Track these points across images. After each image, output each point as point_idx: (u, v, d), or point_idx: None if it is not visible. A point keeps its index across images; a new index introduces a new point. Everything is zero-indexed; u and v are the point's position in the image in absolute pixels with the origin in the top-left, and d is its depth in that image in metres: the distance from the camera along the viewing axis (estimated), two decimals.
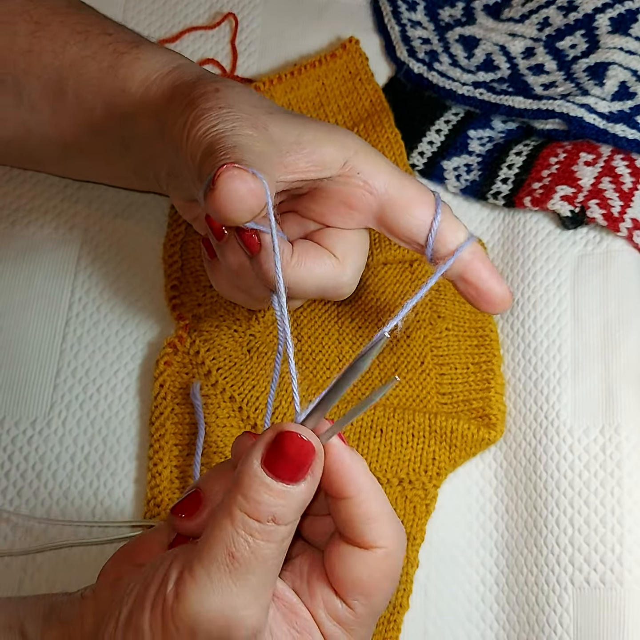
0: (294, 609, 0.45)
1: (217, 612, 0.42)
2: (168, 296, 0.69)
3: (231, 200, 0.46)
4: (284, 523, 0.43)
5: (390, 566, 0.45)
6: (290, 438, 0.43)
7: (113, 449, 0.66)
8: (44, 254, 0.72)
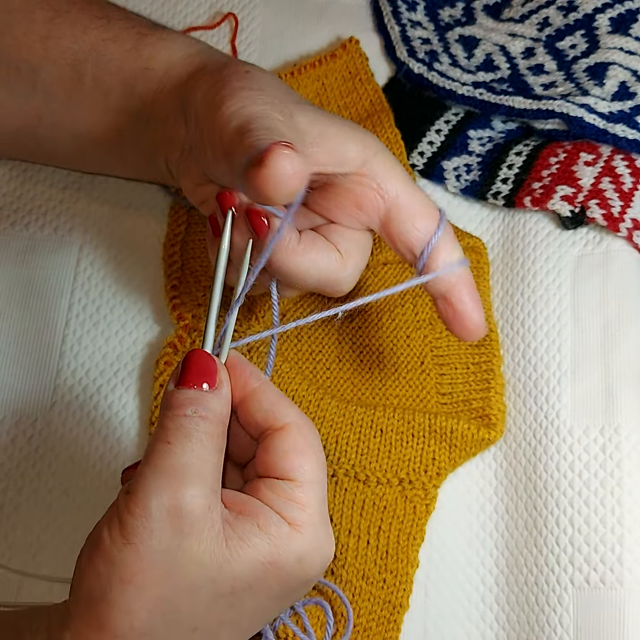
0: (246, 502, 0.47)
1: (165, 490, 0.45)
2: (168, 296, 0.69)
3: (278, 178, 0.46)
4: (205, 416, 0.47)
5: (304, 435, 0.49)
6: (192, 353, 0.49)
7: (113, 449, 0.66)
8: (44, 255, 0.72)
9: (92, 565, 0.45)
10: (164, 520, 0.44)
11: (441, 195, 0.74)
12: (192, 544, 0.45)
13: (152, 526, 0.44)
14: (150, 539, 0.44)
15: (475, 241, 0.71)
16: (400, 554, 0.62)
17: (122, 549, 0.44)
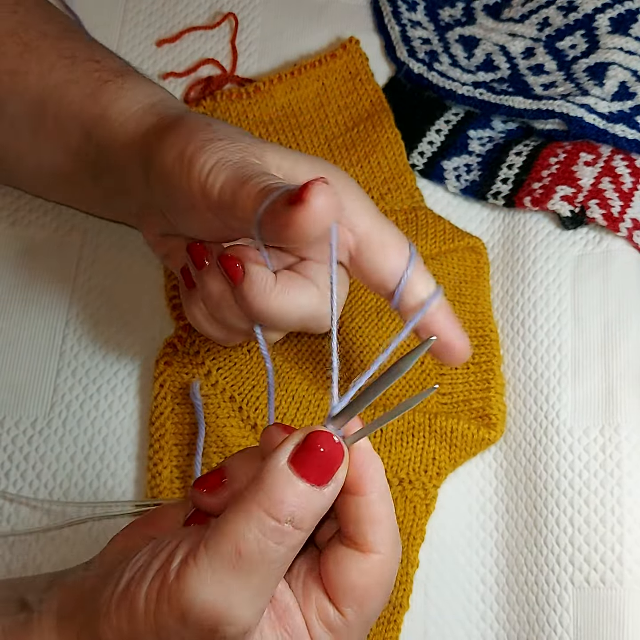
0: (289, 611, 0.44)
1: (211, 603, 0.41)
2: (168, 296, 0.69)
3: (323, 214, 0.47)
4: (301, 527, 0.42)
5: (385, 574, 0.45)
6: (324, 438, 0.42)
7: (113, 449, 0.66)
8: (44, 255, 0.72)
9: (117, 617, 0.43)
10: (196, 634, 0.42)
11: (441, 195, 0.74)
12: None
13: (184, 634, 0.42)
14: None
15: (475, 241, 0.71)
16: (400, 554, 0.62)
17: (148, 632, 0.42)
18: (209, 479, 0.46)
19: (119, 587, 0.43)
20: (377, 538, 0.44)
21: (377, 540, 0.44)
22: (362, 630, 0.46)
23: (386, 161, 0.74)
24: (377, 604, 0.45)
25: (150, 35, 0.81)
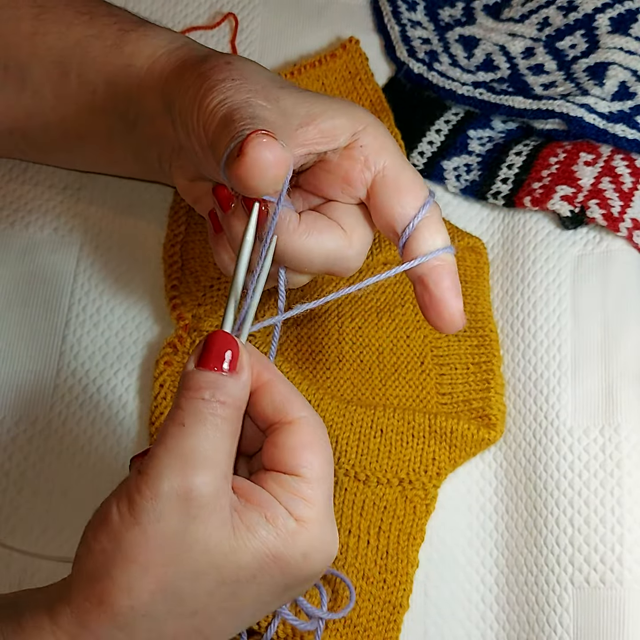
0: (254, 491, 0.47)
1: (177, 477, 0.44)
2: (168, 296, 0.69)
3: (259, 167, 0.46)
4: (224, 401, 0.46)
5: (314, 430, 0.48)
6: (214, 335, 0.47)
7: (113, 449, 0.66)
8: (44, 255, 0.72)
9: (97, 540, 0.45)
10: (173, 503, 0.44)
11: (441, 195, 0.74)
12: (199, 528, 0.45)
13: (161, 508, 0.44)
14: (158, 521, 0.44)
15: (475, 241, 0.71)
16: (400, 554, 0.62)
17: (129, 528, 0.44)
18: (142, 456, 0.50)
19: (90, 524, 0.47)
20: (293, 407, 0.48)
21: (293, 408, 0.48)
22: (324, 487, 0.48)
23: None
24: (322, 457, 0.48)
25: None
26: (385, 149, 0.54)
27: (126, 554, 0.44)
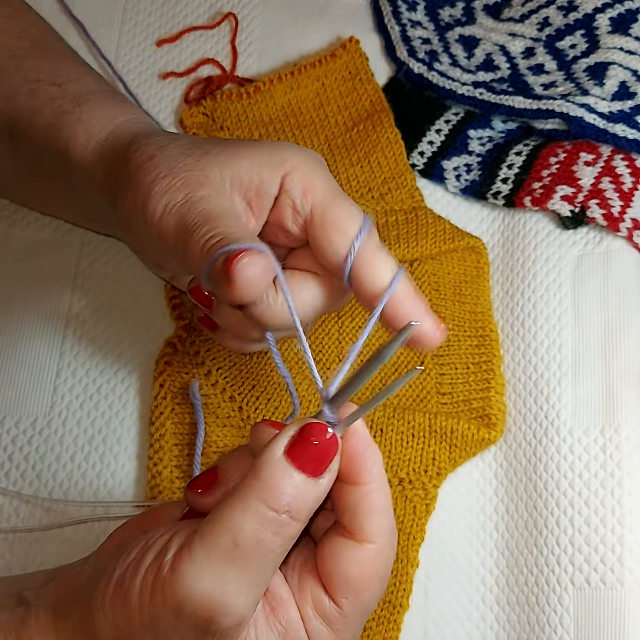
0: (283, 604, 0.44)
1: (207, 594, 0.41)
2: (168, 296, 0.69)
3: (250, 285, 0.46)
4: (297, 518, 0.42)
5: (380, 565, 0.45)
6: (318, 430, 0.42)
7: (113, 449, 0.66)
8: (44, 255, 0.72)
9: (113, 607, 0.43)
10: (190, 627, 0.42)
11: (441, 195, 0.74)
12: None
13: (177, 625, 0.42)
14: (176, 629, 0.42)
15: (475, 241, 0.71)
16: (400, 554, 0.62)
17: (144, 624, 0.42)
18: (202, 479, 0.46)
19: (112, 579, 0.43)
20: (373, 528, 0.44)
21: (372, 530, 0.44)
22: (358, 622, 0.45)
23: (386, 161, 0.74)
24: (373, 594, 0.45)
25: (149, 35, 0.81)
26: (309, 190, 0.52)
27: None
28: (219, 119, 0.76)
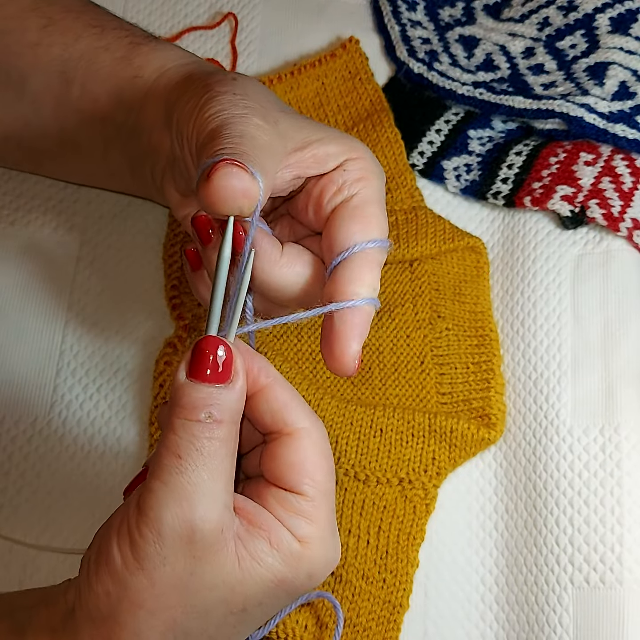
0: (256, 513, 0.46)
1: (177, 511, 0.43)
2: (168, 296, 0.69)
3: (224, 196, 0.46)
4: (222, 419, 0.44)
5: (315, 442, 0.47)
6: (206, 341, 0.45)
7: (113, 449, 0.66)
8: (43, 254, 0.72)
9: (100, 581, 0.44)
10: (176, 546, 0.43)
11: (441, 195, 0.74)
12: (205, 569, 0.44)
13: (165, 552, 0.43)
14: (164, 565, 0.43)
15: (475, 241, 0.71)
16: (400, 553, 0.62)
17: (134, 573, 0.43)
18: (135, 482, 0.49)
19: (91, 560, 0.45)
20: (292, 417, 0.47)
21: (293, 419, 0.47)
22: (327, 501, 0.47)
23: (386, 161, 0.74)
24: (325, 472, 0.47)
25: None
26: (365, 181, 0.53)
27: (133, 599, 0.44)
28: None
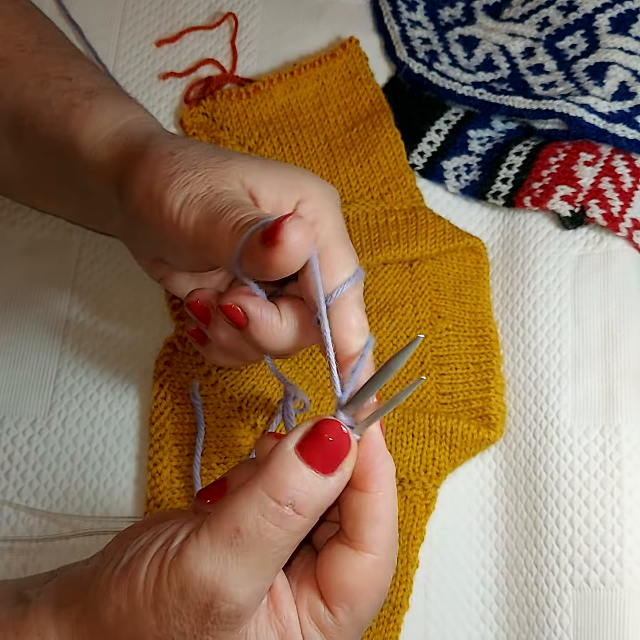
0: (285, 605, 0.44)
1: (208, 577, 0.41)
2: (168, 296, 0.69)
3: (298, 250, 0.46)
4: (302, 513, 0.42)
5: (377, 577, 0.44)
6: (332, 426, 0.42)
7: (113, 449, 0.66)
8: (44, 255, 0.72)
9: (117, 593, 0.43)
10: (193, 607, 0.42)
11: (441, 195, 0.74)
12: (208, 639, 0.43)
13: (180, 608, 0.42)
14: (174, 617, 0.42)
15: (475, 241, 0.71)
16: (400, 554, 0.62)
17: (147, 608, 0.42)
18: (212, 489, 0.46)
19: (119, 565, 0.44)
20: (373, 538, 0.44)
21: (373, 540, 0.44)
22: (353, 632, 0.45)
23: (386, 161, 0.74)
24: (368, 606, 0.45)
25: (149, 35, 0.81)
26: (319, 222, 0.52)
27: (136, 628, 0.43)
28: (218, 119, 0.76)
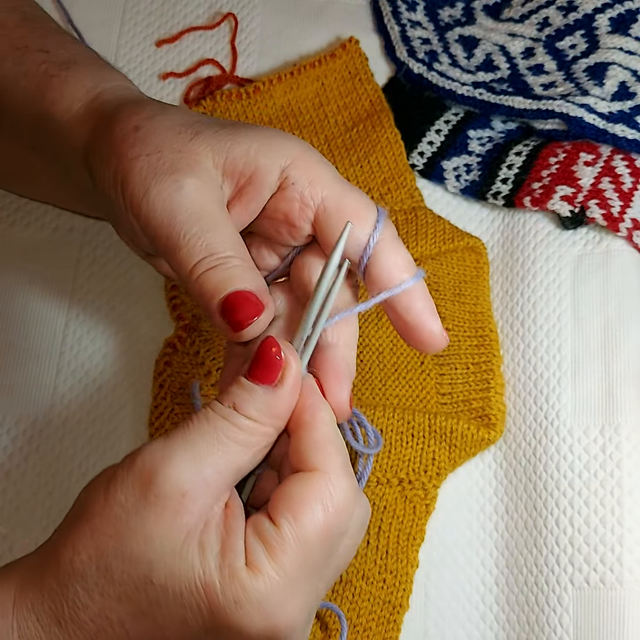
0: (234, 517, 0.44)
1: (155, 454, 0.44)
2: (168, 296, 0.69)
3: (254, 334, 0.47)
4: (242, 412, 0.44)
5: (325, 489, 0.44)
6: (269, 342, 0.46)
7: (113, 449, 0.66)
8: (44, 255, 0.72)
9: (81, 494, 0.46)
10: (138, 479, 0.43)
11: (441, 195, 0.74)
12: (150, 516, 0.43)
13: (125, 476, 0.44)
14: (121, 491, 0.43)
15: (475, 241, 0.71)
16: (400, 554, 0.62)
17: (102, 483, 0.44)
18: None
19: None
20: (320, 458, 0.45)
21: (320, 460, 0.44)
22: (301, 554, 0.43)
23: (386, 161, 0.74)
24: (313, 519, 0.43)
25: (149, 35, 0.81)
26: (318, 181, 0.50)
27: (85, 511, 0.44)
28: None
